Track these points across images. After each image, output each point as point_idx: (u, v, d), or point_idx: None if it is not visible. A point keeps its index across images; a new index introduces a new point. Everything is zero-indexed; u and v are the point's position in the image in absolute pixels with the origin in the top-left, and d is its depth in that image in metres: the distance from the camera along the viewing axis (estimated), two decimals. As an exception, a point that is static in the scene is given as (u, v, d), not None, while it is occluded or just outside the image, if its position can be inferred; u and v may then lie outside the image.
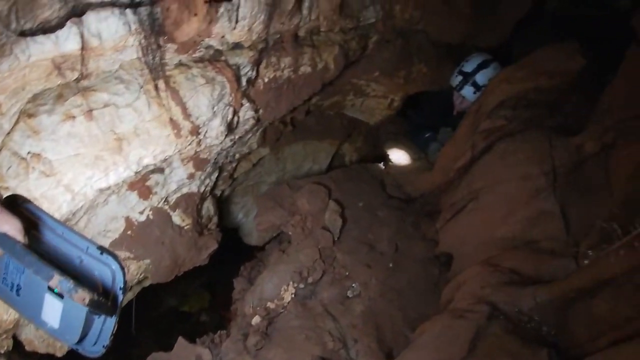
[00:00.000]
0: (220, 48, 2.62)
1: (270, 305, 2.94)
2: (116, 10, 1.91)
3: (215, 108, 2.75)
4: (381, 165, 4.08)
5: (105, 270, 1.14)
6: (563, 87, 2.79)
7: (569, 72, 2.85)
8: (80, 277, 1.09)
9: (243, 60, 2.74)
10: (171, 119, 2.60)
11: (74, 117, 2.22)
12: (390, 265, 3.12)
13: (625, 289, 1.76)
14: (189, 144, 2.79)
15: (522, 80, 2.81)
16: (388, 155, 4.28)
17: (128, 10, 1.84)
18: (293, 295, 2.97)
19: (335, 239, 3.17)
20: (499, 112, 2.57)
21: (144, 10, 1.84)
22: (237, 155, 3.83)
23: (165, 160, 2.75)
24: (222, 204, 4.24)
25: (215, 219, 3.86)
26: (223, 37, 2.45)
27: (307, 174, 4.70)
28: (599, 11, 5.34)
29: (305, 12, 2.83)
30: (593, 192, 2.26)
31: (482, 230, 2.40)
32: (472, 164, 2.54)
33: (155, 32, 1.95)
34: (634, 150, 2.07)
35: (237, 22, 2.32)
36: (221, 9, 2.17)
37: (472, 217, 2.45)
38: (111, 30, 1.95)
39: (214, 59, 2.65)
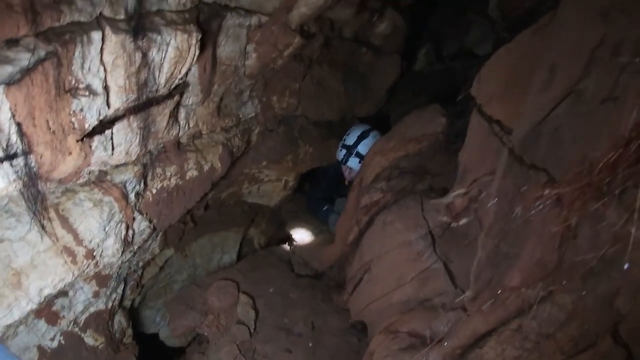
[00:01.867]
0: (104, 169, 2.68)
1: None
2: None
3: (107, 228, 2.78)
4: (286, 246, 4.19)
5: None
6: (429, 149, 3.08)
7: (432, 135, 3.15)
8: None
9: (129, 176, 2.80)
10: (65, 247, 2.62)
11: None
12: (310, 344, 3.18)
13: (505, 335, 1.94)
14: (87, 267, 2.78)
15: (393, 150, 3.08)
16: (292, 235, 4.41)
17: (4, 164, 1.88)
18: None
19: (252, 331, 3.20)
20: (376, 186, 2.80)
21: (19, 161, 1.89)
22: (141, 263, 3.81)
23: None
24: (136, 312, 4.14)
25: (129, 331, 3.78)
26: (103, 162, 2.52)
27: (218, 265, 4.72)
28: (463, 62, 5.99)
29: (182, 122, 2.96)
30: (470, 243, 2.49)
31: (380, 299, 2.55)
32: (360, 238, 2.73)
33: (33, 178, 1.99)
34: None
35: (113, 149, 2.40)
36: (94, 143, 2.25)
37: (369, 288, 2.60)
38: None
39: (99, 180, 2.70)
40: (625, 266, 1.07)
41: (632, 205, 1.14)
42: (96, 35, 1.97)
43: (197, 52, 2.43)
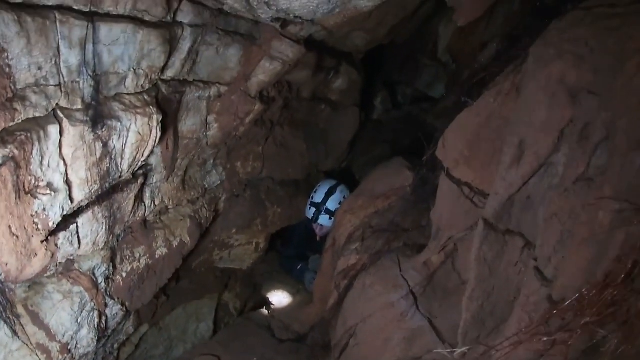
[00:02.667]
0: (71, 258, 2.58)
1: None
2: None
3: (80, 319, 2.68)
4: (264, 310, 4.09)
5: None
6: (399, 204, 3.10)
7: (400, 189, 3.18)
8: None
9: (97, 262, 2.71)
10: (38, 344, 2.50)
11: None
12: (299, 414, 3.07)
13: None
14: (64, 362, 2.65)
15: (362, 208, 3.08)
16: (269, 299, 4.32)
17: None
18: None
19: (238, 408, 3.07)
20: (350, 247, 2.78)
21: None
22: (116, 345, 3.65)
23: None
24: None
25: (111, 418, 3.58)
26: (70, 255, 2.42)
27: (195, 335, 4.56)
28: (419, 105, 6.15)
29: (148, 201, 2.89)
30: (451, 296, 2.48)
31: (369, 363, 2.50)
32: (341, 303, 2.68)
33: (0, 287, 1.89)
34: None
35: (79, 242, 2.32)
36: (60, 240, 2.17)
37: (356, 353, 2.54)
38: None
39: (67, 269, 2.60)
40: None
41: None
42: (53, 130, 1.92)
43: (159, 134, 2.40)
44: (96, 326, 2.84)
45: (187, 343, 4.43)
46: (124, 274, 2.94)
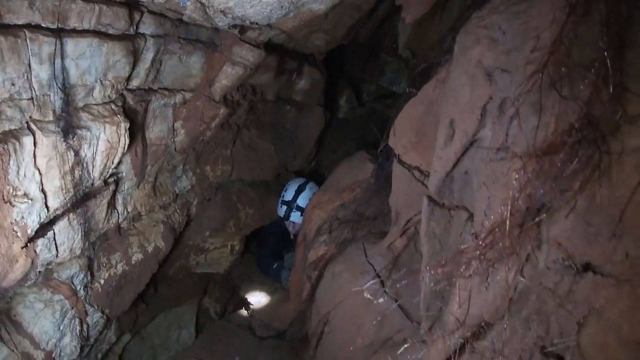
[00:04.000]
0: (50, 267, 2.65)
1: None
2: None
3: (62, 327, 2.75)
4: (244, 311, 4.19)
5: None
6: (363, 195, 3.24)
7: (363, 181, 3.32)
8: None
9: (74, 270, 2.79)
10: (23, 353, 2.56)
11: None
12: (284, 406, 3.18)
13: (464, 358, 2.06)
14: (48, 371, 2.71)
15: (329, 202, 3.22)
16: (247, 300, 4.41)
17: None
18: None
19: (223, 405, 3.16)
20: (319, 239, 2.91)
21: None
22: (100, 355, 3.70)
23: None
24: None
25: None
26: (49, 263, 2.50)
27: (177, 341, 4.62)
28: (383, 101, 6.31)
29: (120, 208, 2.98)
30: (415, 277, 2.62)
31: (344, 348, 2.62)
32: (314, 293, 2.81)
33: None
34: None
35: (57, 249, 2.40)
36: (39, 246, 2.25)
37: (331, 339, 2.66)
38: None
39: (46, 279, 2.67)
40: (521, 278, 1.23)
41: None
42: (28, 141, 2.02)
43: (127, 141, 2.50)
44: (78, 334, 2.91)
45: (171, 351, 4.49)
46: (102, 281, 3.01)
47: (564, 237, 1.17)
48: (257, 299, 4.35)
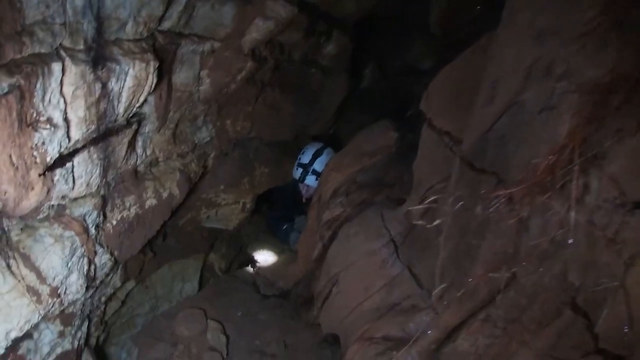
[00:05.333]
0: (63, 202, 2.65)
1: None
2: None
3: (70, 264, 2.74)
4: (249, 268, 4.21)
5: None
6: (383, 162, 3.21)
7: (385, 148, 3.29)
8: None
9: (88, 208, 2.78)
10: (28, 286, 2.55)
11: None
12: (285, 363, 3.20)
13: (475, 326, 2.06)
14: (52, 306, 2.73)
15: (348, 166, 3.19)
16: (254, 258, 4.43)
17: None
18: None
19: (224, 356, 3.19)
20: (335, 201, 2.89)
21: (-19, 199, 1.86)
22: (103, 299, 3.73)
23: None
24: (102, 348, 4.04)
25: (97, 371, 3.69)
26: (64, 196, 2.50)
27: (180, 293, 4.67)
28: (407, 77, 6.23)
29: (139, 150, 2.97)
30: (430, 246, 2.61)
31: (351, 309, 2.62)
32: (325, 253, 2.80)
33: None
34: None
35: (74, 181, 2.39)
36: (56, 176, 2.24)
37: (338, 300, 2.67)
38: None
39: (59, 214, 2.67)
40: (570, 241, 1.22)
41: (574, 196, 1.29)
42: (56, 67, 1.99)
43: (155, 80, 2.47)
44: (85, 273, 2.91)
45: (173, 302, 4.53)
46: (114, 222, 3.02)
47: (619, 175, 1.16)
48: (264, 257, 4.37)
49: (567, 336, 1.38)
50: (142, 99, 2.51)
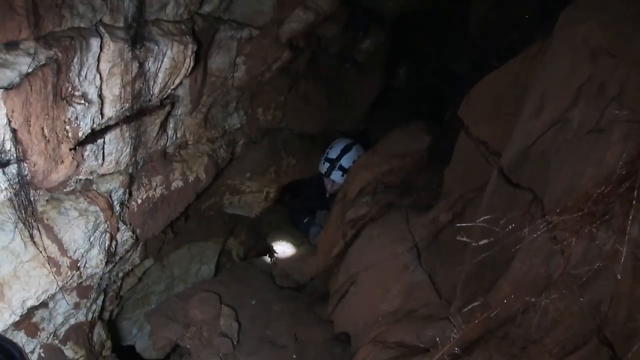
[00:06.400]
0: (91, 177, 2.66)
1: None
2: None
3: (92, 238, 2.75)
4: (267, 258, 4.20)
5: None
6: (413, 165, 3.16)
7: (417, 152, 3.24)
8: None
9: (115, 185, 2.79)
10: (49, 257, 2.56)
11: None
12: (294, 356, 3.19)
13: (492, 342, 2.01)
14: (70, 279, 2.75)
15: (377, 165, 3.15)
16: (273, 248, 4.42)
17: (-3, 170, 1.86)
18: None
19: (235, 343, 3.19)
20: (361, 200, 2.86)
21: (12, 169, 1.87)
22: (121, 274, 3.77)
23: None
24: (114, 322, 4.09)
25: (108, 344, 3.72)
26: (92, 172, 2.51)
27: (196, 276, 4.69)
28: (441, 80, 6.14)
29: (170, 132, 2.97)
30: (453, 256, 2.56)
31: (366, 310, 2.59)
32: (346, 251, 2.77)
33: (25, 185, 1.97)
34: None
35: (104, 158, 2.40)
36: (87, 152, 2.24)
37: (355, 300, 2.64)
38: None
39: (85, 189, 2.68)
40: (619, 276, 1.16)
41: (619, 227, 1.22)
42: (95, 42, 1.98)
43: (192, 64, 2.46)
44: (106, 248, 2.93)
45: (188, 283, 4.56)
46: (139, 201, 3.03)
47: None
48: (283, 248, 4.35)
49: (591, 366, 1.33)
50: (177, 81, 2.50)
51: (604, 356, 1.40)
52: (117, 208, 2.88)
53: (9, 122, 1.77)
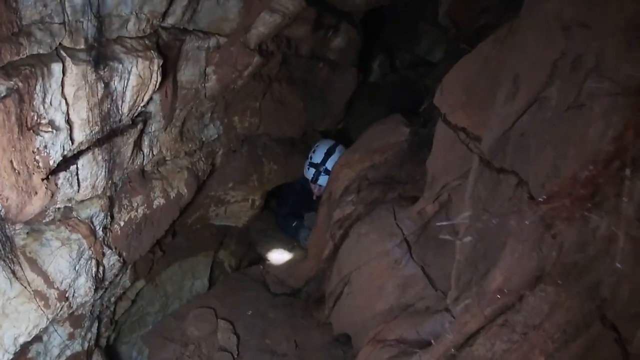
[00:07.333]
0: (69, 205, 2.60)
1: None
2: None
3: (77, 267, 2.70)
4: (259, 266, 4.15)
5: None
6: (395, 159, 3.14)
7: (397, 144, 3.21)
8: None
9: (95, 210, 2.73)
10: (36, 291, 2.50)
11: None
12: (295, 363, 3.15)
13: (493, 331, 1.99)
14: (60, 310, 2.69)
15: (359, 162, 3.12)
16: (264, 256, 4.38)
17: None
18: None
19: (235, 356, 3.14)
20: (346, 199, 2.82)
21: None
22: (113, 299, 3.71)
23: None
24: (112, 348, 4.03)
25: (108, 370, 3.67)
26: (69, 199, 2.45)
27: (190, 292, 4.64)
28: (417, 70, 6.14)
29: (146, 150, 2.91)
30: (444, 246, 2.53)
31: (363, 310, 2.56)
32: (336, 252, 2.74)
33: (0, 223, 1.91)
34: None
35: (79, 184, 2.34)
36: (60, 180, 2.18)
37: (351, 300, 2.61)
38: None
39: (65, 217, 2.62)
40: (618, 265, 1.13)
41: (614, 210, 1.19)
42: (56, 68, 1.92)
43: (159, 78, 2.41)
44: (94, 275, 2.87)
45: (183, 300, 4.51)
46: (122, 223, 2.97)
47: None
48: (274, 255, 4.31)
49: (595, 350, 1.30)
50: (146, 98, 2.45)
51: (609, 340, 1.38)
52: (100, 233, 2.82)
53: (-26, 158, 1.72)
